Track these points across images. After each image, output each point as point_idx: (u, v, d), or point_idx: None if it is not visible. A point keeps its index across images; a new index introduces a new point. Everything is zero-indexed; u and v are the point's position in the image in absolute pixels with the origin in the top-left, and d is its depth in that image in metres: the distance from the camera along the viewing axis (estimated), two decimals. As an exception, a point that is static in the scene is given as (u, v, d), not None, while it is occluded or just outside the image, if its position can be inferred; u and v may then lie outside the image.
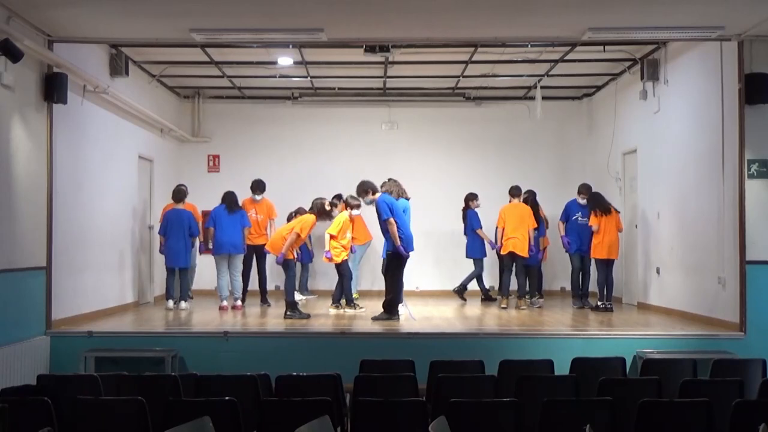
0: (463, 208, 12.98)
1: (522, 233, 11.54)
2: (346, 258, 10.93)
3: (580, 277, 11.80)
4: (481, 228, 12.74)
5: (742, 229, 8.80)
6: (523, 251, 11.54)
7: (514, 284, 11.93)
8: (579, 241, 11.71)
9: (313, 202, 10.73)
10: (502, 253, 11.78)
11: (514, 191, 11.96)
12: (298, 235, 10.37)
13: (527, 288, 11.95)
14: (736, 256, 8.87)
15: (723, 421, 4.93)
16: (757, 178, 8.81)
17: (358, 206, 10.81)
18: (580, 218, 11.75)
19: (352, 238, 11.93)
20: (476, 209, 12.85)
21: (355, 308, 10.98)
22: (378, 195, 10.06)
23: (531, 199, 12.13)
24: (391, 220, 9.82)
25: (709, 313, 9.53)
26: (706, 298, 9.67)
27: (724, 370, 6.47)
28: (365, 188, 10.20)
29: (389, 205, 9.93)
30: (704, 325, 9.34)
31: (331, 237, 10.71)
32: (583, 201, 11.85)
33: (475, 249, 12.82)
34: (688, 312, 10.07)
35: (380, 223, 10.04)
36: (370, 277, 13.75)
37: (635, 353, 8.32)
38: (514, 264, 11.85)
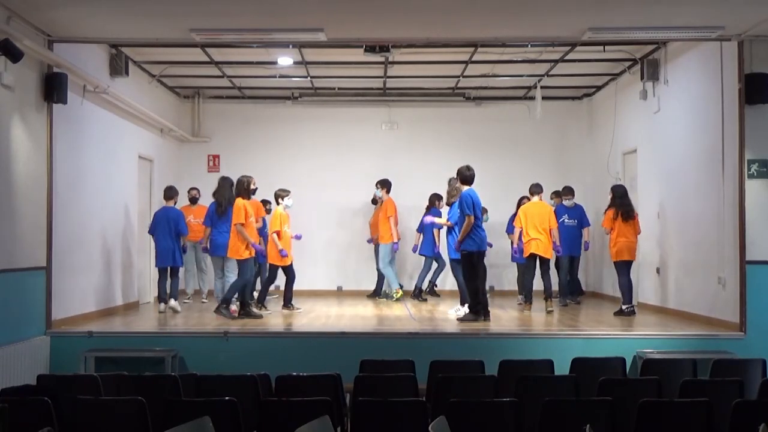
0: (427, 206, 12.96)
1: (545, 234, 10.71)
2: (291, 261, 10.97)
3: (569, 276, 11.79)
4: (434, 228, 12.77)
5: (742, 229, 8.80)
6: (547, 253, 10.74)
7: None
8: (567, 243, 11.68)
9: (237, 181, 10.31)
10: (524, 255, 10.92)
11: (535, 189, 11.11)
12: (242, 225, 9.93)
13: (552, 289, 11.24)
14: (736, 256, 8.87)
15: (723, 421, 4.93)
16: (757, 178, 8.81)
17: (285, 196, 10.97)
18: (566, 220, 11.79)
19: (380, 236, 12.18)
20: (440, 210, 12.81)
21: (291, 309, 11.00)
22: (466, 187, 9.91)
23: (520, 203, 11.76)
24: (471, 217, 9.62)
25: (709, 313, 9.53)
26: (706, 298, 9.66)
27: (724, 370, 6.47)
28: (459, 177, 10.05)
29: (474, 201, 9.74)
30: (704, 325, 9.34)
31: (277, 234, 10.68)
32: (568, 203, 11.88)
33: (428, 247, 12.93)
34: (688, 312, 10.06)
35: (458, 218, 10.00)
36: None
37: (635, 353, 8.31)
38: (540, 266, 10.93)
